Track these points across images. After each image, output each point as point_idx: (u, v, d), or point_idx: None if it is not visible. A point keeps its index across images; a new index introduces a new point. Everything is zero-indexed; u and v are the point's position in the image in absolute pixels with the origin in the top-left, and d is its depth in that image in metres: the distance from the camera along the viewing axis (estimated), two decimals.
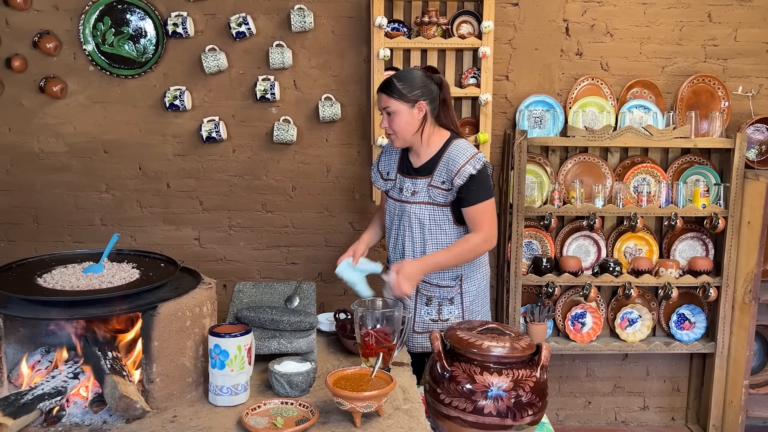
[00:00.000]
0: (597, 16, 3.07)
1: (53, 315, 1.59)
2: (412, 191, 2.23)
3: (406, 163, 2.29)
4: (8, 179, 3.09)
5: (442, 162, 2.18)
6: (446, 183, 2.17)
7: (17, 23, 2.97)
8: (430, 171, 2.21)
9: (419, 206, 2.21)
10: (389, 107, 2.17)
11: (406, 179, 2.26)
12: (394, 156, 2.34)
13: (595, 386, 3.37)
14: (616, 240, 3.17)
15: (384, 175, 2.36)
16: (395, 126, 2.18)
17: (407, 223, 2.24)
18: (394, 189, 2.30)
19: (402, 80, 2.17)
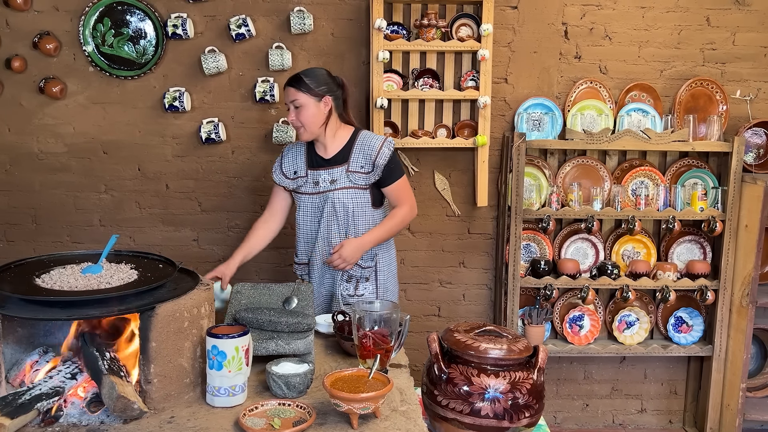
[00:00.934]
0: (596, 20, 3.08)
1: (51, 315, 1.59)
2: (330, 180, 2.39)
3: (315, 158, 2.43)
4: (7, 179, 3.10)
5: (357, 148, 2.39)
6: (366, 166, 2.38)
7: (17, 24, 2.97)
8: (345, 159, 2.40)
9: (342, 192, 2.38)
10: (297, 100, 2.34)
11: (320, 172, 2.41)
12: (299, 155, 2.46)
13: (593, 389, 3.38)
14: (614, 243, 3.17)
15: (290, 175, 2.46)
16: (303, 118, 2.34)
17: (332, 212, 2.40)
18: (306, 184, 2.43)
19: (309, 76, 2.36)
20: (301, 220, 2.48)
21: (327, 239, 2.44)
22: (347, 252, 2.37)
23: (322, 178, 2.40)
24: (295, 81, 2.36)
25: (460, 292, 3.27)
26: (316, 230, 2.45)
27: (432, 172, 3.16)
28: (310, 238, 2.48)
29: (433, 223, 3.20)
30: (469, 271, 3.25)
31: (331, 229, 2.43)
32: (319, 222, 2.43)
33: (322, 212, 2.42)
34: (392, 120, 3.05)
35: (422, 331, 3.22)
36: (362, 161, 2.39)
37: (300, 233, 2.50)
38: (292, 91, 2.35)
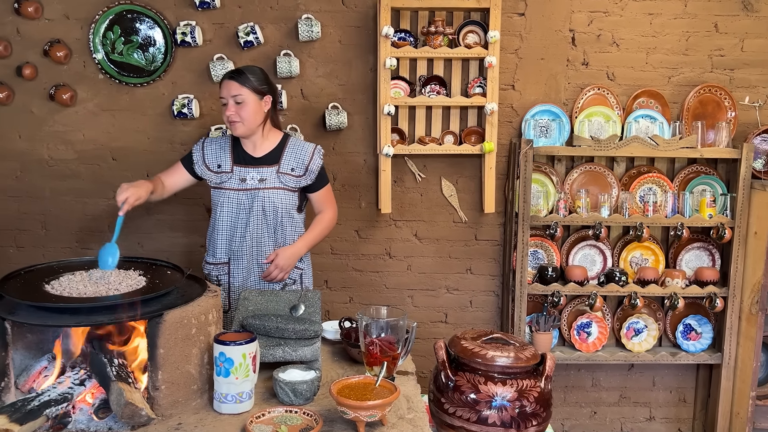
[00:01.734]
0: (603, 26, 3.08)
1: (60, 322, 1.60)
2: (259, 179, 2.41)
3: (242, 155, 2.43)
4: (18, 186, 3.12)
5: (288, 151, 2.44)
6: (297, 169, 2.44)
7: (28, 32, 3.00)
8: (275, 160, 2.43)
9: (272, 192, 2.41)
10: (241, 95, 2.33)
11: (248, 169, 2.41)
12: (223, 149, 2.45)
13: (601, 396, 3.36)
14: (622, 250, 3.16)
15: (213, 167, 2.44)
16: (243, 114, 2.34)
17: (260, 210, 2.41)
18: (231, 180, 2.41)
19: (253, 73, 2.37)
20: (223, 216, 2.43)
21: (256, 238, 2.43)
22: (283, 261, 2.41)
23: (251, 175, 2.41)
24: (239, 75, 2.35)
25: (467, 298, 3.26)
26: (243, 228, 2.42)
27: (439, 178, 3.16)
28: (232, 236, 2.44)
29: (440, 229, 3.20)
30: (476, 277, 3.24)
31: (259, 228, 2.42)
32: (247, 220, 2.41)
33: (250, 210, 2.40)
34: (399, 126, 3.05)
35: (429, 338, 3.22)
36: (293, 164, 2.44)
37: (220, 230, 2.44)
38: (235, 86, 2.33)
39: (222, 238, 2.45)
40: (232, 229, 2.44)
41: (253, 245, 2.43)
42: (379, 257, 3.22)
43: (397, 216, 3.19)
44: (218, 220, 2.45)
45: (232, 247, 2.45)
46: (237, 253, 2.44)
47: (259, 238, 2.43)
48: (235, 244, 2.44)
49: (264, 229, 2.43)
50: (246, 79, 2.34)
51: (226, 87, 2.36)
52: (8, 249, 3.17)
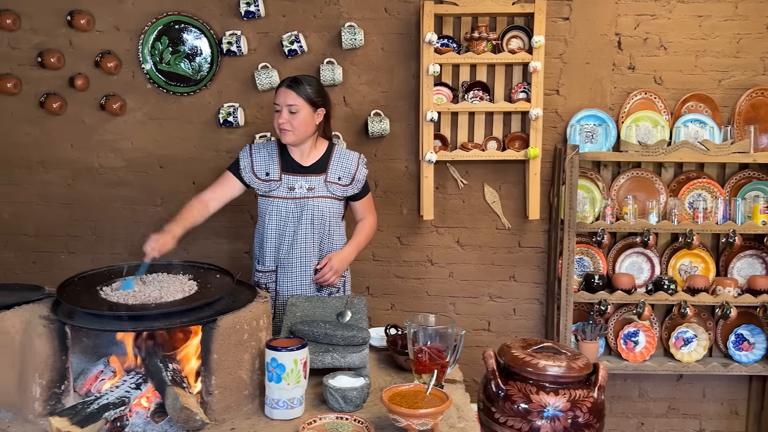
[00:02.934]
0: (650, 30, 3.02)
1: (118, 327, 1.63)
2: (308, 188, 2.42)
3: (291, 163, 2.43)
4: (69, 193, 3.21)
5: (335, 160, 2.46)
6: (344, 179, 2.45)
7: (80, 44, 3.09)
8: (323, 169, 2.44)
9: (321, 200, 2.42)
10: (296, 105, 2.33)
11: (297, 177, 2.42)
12: (272, 156, 2.45)
13: (648, 407, 3.28)
14: (670, 257, 3.09)
15: (261, 175, 2.44)
16: (296, 123, 2.34)
17: (309, 219, 2.41)
18: (280, 188, 2.42)
19: (310, 84, 2.37)
20: (272, 225, 2.43)
21: (303, 247, 2.42)
22: (337, 264, 2.44)
23: (299, 184, 2.41)
24: (296, 85, 2.34)
25: (510, 306, 3.22)
26: (291, 236, 2.42)
27: (482, 184, 3.14)
28: (280, 244, 2.44)
29: (483, 236, 3.18)
30: (520, 285, 3.20)
31: (306, 237, 2.42)
32: (295, 229, 2.41)
33: (299, 219, 2.41)
34: (441, 133, 3.04)
35: (471, 346, 3.19)
36: (340, 173, 2.45)
37: (268, 239, 2.45)
38: (291, 95, 2.33)
39: (270, 246, 2.45)
40: (280, 238, 2.44)
41: (300, 253, 2.43)
42: (421, 264, 3.21)
43: (439, 223, 3.18)
44: (267, 228, 2.45)
45: (279, 255, 2.46)
46: (285, 261, 2.45)
47: (307, 246, 2.43)
48: (283, 252, 2.45)
49: (311, 238, 2.43)
50: (303, 90, 2.35)
51: (282, 95, 2.36)
52: (60, 255, 3.26)
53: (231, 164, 2.52)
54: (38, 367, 1.61)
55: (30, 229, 3.24)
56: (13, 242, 3.26)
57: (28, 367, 1.62)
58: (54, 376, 1.62)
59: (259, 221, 2.51)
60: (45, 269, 3.25)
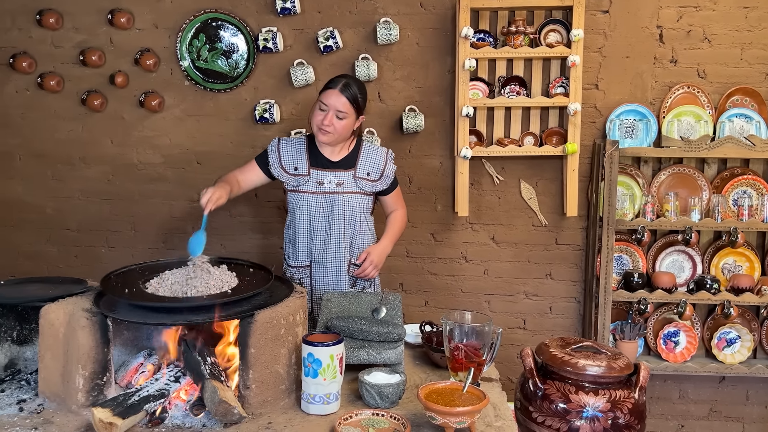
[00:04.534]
0: (694, 22, 2.94)
1: (158, 320, 1.65)
2: (337, 183, 2.43)
3: (319, 158, 2.45)
4: (109, 189, 3.28)
5: (363, 156, 2.47)
6: (372, 174, 2.47)
7: (120, 42, 3.15)
8: (352, 164, 2.46)
9: (350, 196, 2.44)
10: (345, 112, 2.35)
11: (325, 172, 2.44)
12: (300, 151, 2.47)
13: (689, 409, 3.20)
14: (713, 256, 3.00)
15: (289, 170, 2.45)
16: (339, 127, 2.36)
17: (340, 214, 2.43)
18: (308, 183, 2.43)
19: (361, 91, 2.40)
20: (303, 219, 2.45)
21: (336, 242, 2.44)
22: (376, 258, 2.49)
23: (328, 179, 2.43)
24: (350, 91, 2.36)
25: (546, 304, 3.18)
26: (324, 232, 2.44)
27: (518, 181, 3.10)
28: (312, 239, 2.46)
29: (519, 233, 3.14)
30: (557, 283, 3.15)
31: (339, 232, 2.44)
32: (327, 224, 2.44)
33: (330, 214, 2.43)
34: (477, 128, 3.01)
35: (506, 344, 3.16)
36: (369, 169, 2.47)
37: (300, 234, 2.46)
38: (344, 101, 2.34)
39: (302, 242, 2.47)
40: (312, 233, 2.46)
41: (334, 249, 2.45)
42: (455, 261, 3.19)
43: (474, 219, 3.15)
44: (297, 224, 2.46)
45: (313, 251, 2.47)
46: (319, 257, 2.46)
47: (339, 241, 2.45)
48: (316, 247, 2.46)
49: (343, 232, 2.45)
50: (355, 97, 2.37)
51: (333, 97, 2.35)
52: (100, 249, 3.33)
53: (258, 155, 2.54)
54: (81, 358, 1.64)
55: (72, 224, 3.32)
56: (56, 236, 3.34)
57: (71, 358, 1.66)
58: (96, 368, 1.66)
59: (289, 217, 2.53)
60: (86, 263, 3.32)
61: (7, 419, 1.62)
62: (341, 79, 2.39)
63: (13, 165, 3.30)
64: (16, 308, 1.89)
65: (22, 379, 1.84)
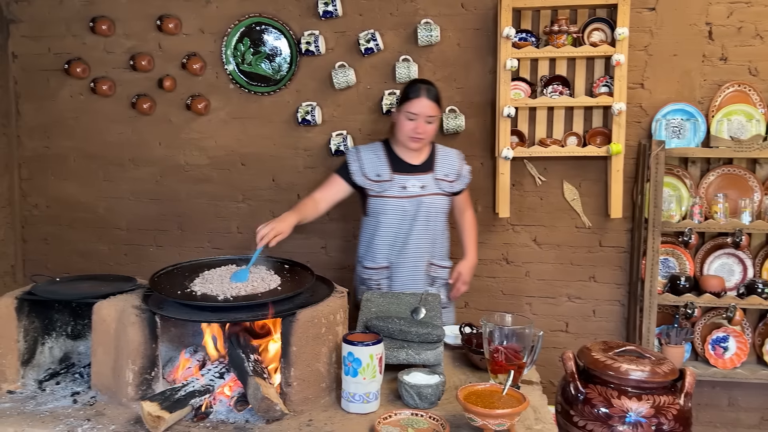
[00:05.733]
0: (745, 18, 2.85)
1: (203, 318, 1.70)
2: (420, 186, 2.47)
3: (400, 163, 2.49)
4: (158, 189, 3.38)
5: (439, 158, 2.53)
6: (450, 175, 2.53)
7: (169, 46, 3.24)
8: (430, 167, 2.51)
9: (433, 198, 2.49)
10: (433, 115, 2.43)
11: (408, 177, 2.48)
12: (380, 157, 2.51)
13: (739, 417, 3.10)
14: (765, 259, 2.90)
15: (372, 177, 2.48)
16: (430, 132, 2.44)
17: (424, 216, 2.47)
18: (392, 188, 2.47)
19: (438, 92, 2.47)
20: (387, 223, 2.49)
21: (417, 244, 2.49)
22: (468, 276, 2.60)
23: (411, 183, 2.47)
24: (436, 97, 2.44)
25: (590, 307, 3.13)
26: (405, 234, 2.48)
27: (561, 181, 3.06)
28: (394, 241, 2.49)
29: (562, 234, 3.10)
30: (600, 286, 3.10)
31: (420, 234, 2.49)
32: (410, 226, 2.47)
33: (414, 217, 2.47)
34: (519, 128, 2.99)
35: (548, 347, 3.12)
36: (446, 170, 2.53)
37: (381, 237, 2.50)
38: (433, 107, 2.43)
39: (383, 244, 2.51)
40: (395, 236, 2.50)
41: (413, 250, 2.50)
42: (496, 262, 3.17)
43: (516, 220, 3.12)
44: (380, 227, 2.50)
45: (393, 252, 2.51)
46: (399, 258, 2.51)
47: (420, 243, 2.50)
48: (396, 249, 2.51)
49: (425, 234, 2.50)
50: (438, 99, 2.46)
51: (423, 105, 2.42)
52: (149, 248, 3.43)
53: (339, 168, 2.57)
54: (131, 354, 1.70)
55: (122, 223, 3.44)
56: (107, 235, 3.46)
57: (122, 353, 1.72)
58: (145, 363, 1.71)
59: (369, 220, 2.55)
60: (135, 261, 3.44)
61: (62, 410, 1.70)
62: (420, 85, 2.45)
63: (67, 166, 3.44)
64: (71, 304, 1.98)
65: (76, 372, 1.92)
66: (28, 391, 1.82)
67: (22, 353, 1.87)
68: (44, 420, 1.65)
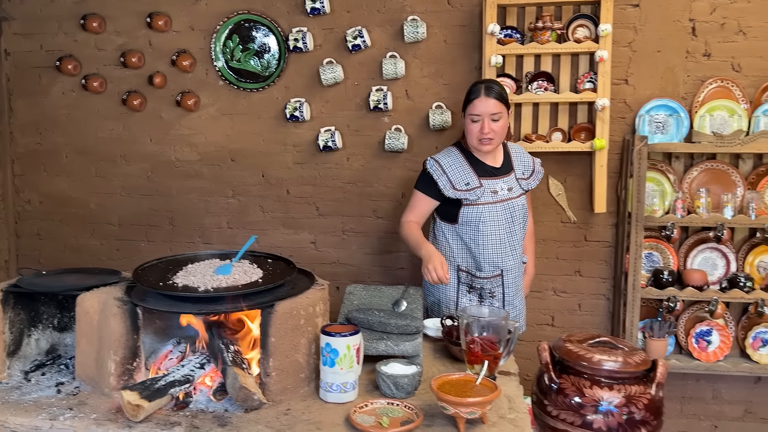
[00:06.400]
0: (728, 14, 2.88)
1: (183, 309, 1.74)
2: (508, 188, 2.43)
3: (484, 167, 2.42)
4: (149, 185, 3.41)
5: (515, 157, 2.49)
6: (526, 173, 2.49)
7: (159, 43, 3.27)
8: (510, 167, 2.47)
9: (520, 198, 2.46)
10: (500, 113, 2.34)
11: (496, 181, 2.42)
12: (463, 166, 2.41)
13: (723, 410, 3.13)
14: (747, 253, 2.94)
15: (461, 186, 2.38)
16: (499, 130, 2.35)
17: (520, 218, 2.45)
18: (485, 194, 2.39)
19: (501, 87, 2.38)
20: (489, 230, 2.39)
21: (519, 245, 2.49)
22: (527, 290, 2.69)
23: (499, 186, 2.41)
24: (495, 92, 2.33)
25: (575, 301, 3.16)
26: (509, 238, 2.43)
27: (546, 177, 3.09)
28: (499, 247, 2.42)
29: (547, 229, 3.13)
30: (586, 280, 3.14)
31: (519, 235, 2.48)
32: (510, 229, 2.42)
33: (512, 219, 2.42)
34: None
35: (534, 341, 3.15)
36: (522, 168, 2.49)
37: (488, 244, 2.41)
38: (496, 104, 2.32)
39: (491, 251, 2.42)
40: (500, 242, 2.42)
41: (518, 253, 2.49)
42: None
43: None
44: (483, 236, 2.40)
45: (504, 259, 2.43)
46: (509, 263, 2.45)
47: (520, 244, 2.50)
48: (506, 254, 2.43)
49: (521, 235, 2.49)
50: (501, 95, 2.34)
51: (482, 104, 2.32)
52: (140, 243, 3.47)
53: (421, 184, 2.46)
54: (113, 344, 1.74)
55: (114, 219, 3.47)
56: (99, 231, 3.50)
57: (104, 344, 1.76)
58: (127, 354, 1.75)
59: (462, 228, 2.43)
60: (127, 256, 3.47)
61: (45, 400, 1.73)
62: (479, 85, 2.37)
63: (59, 162, 3.47)
64: (57, 297, 2.01)
65: (62, 363, 1.96)
66: (14, 382, 1.86)
67: (8, 344, 1.90)
68: (27, 409, 1.68)
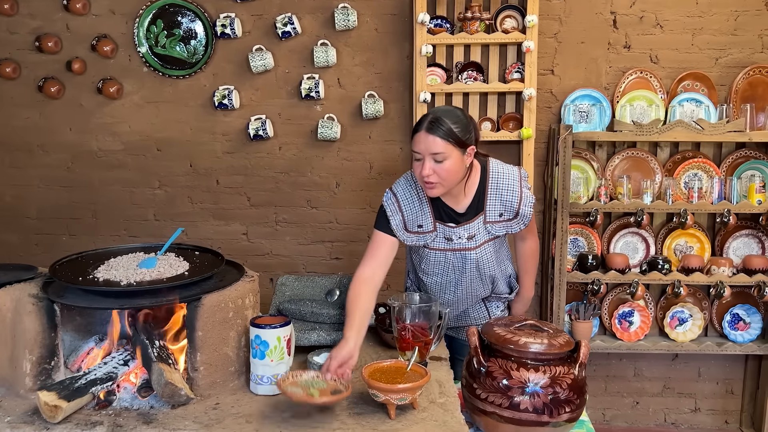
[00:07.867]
0: (646, 8, 3.00)
1: (105, 305, 1.67)
2: (468, 236, 2.01)
3: (445, 210, 2.01)
4: (69, 176, 3.25)
5: (491, 194, 1.99)
6: (505, 214, 2.01)
7: (77, 27, 3.12)
8: (480, 208, 2.00)
9: (483, 248, 2.04)
10: (442, 153, 1.83)
11: (454, 229, 2.01)
12: (422, 206, 2.01)
13: (644, 386, 3.30)
14: (665, 237, 3.09)
15: (412, 228, 2.02)
16: (443, 173, 1.85)
17: (474, 269, 2.07)
18: (436, 240, 2.04)
19: (456, 121, 1.84)
20: (434, 270, 2.11)
21: (471, 293, 2.15)
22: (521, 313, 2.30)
23: (457, 233, 2.01)
24: (439, 127, 1.82)
25: None
26: (455, 284, 2.12)
27: None
28: (443, 287, 2.15)
29: None
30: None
31: (473, 284, 2.12)
32: (459, 278, 2.10)
33: (462, 270, 2.07)
34: None
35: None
36: (500, 209, 2.01)
37: (428, 281, 2.16)
38: (436, 142, 1.82)
39: (431, 288, 2.17)
40: (443, 282, 2.13)
41: (467, 294, 2.16)
42: None
43: None
44: (424, 274, 2.14)
45: (444, 296, 2.16)
46: (452, 299, 2.17)
47: (475, 292, 2.16)
48: (447, 294, 2.16)
49: (478, 282, 2.12)
50: (449, 132, 1.82)
51: (421, 141, 1.84)
52: (62, 237, 3.31)
53: (378, 221, 2.04)
54: (28, 343, 1.65)
55: (32, 212, 3.30)
56: (15, 225, 3.31)
57: (18, 343, 1.67)
58: (44, 353, 1.67)
59: (414, 258, 2.20)
60: (47, 251, 3.31)
61: None
62: (424, 118, 1.87)
63: None
64: None
65: None
66: None
67: None
68: None
